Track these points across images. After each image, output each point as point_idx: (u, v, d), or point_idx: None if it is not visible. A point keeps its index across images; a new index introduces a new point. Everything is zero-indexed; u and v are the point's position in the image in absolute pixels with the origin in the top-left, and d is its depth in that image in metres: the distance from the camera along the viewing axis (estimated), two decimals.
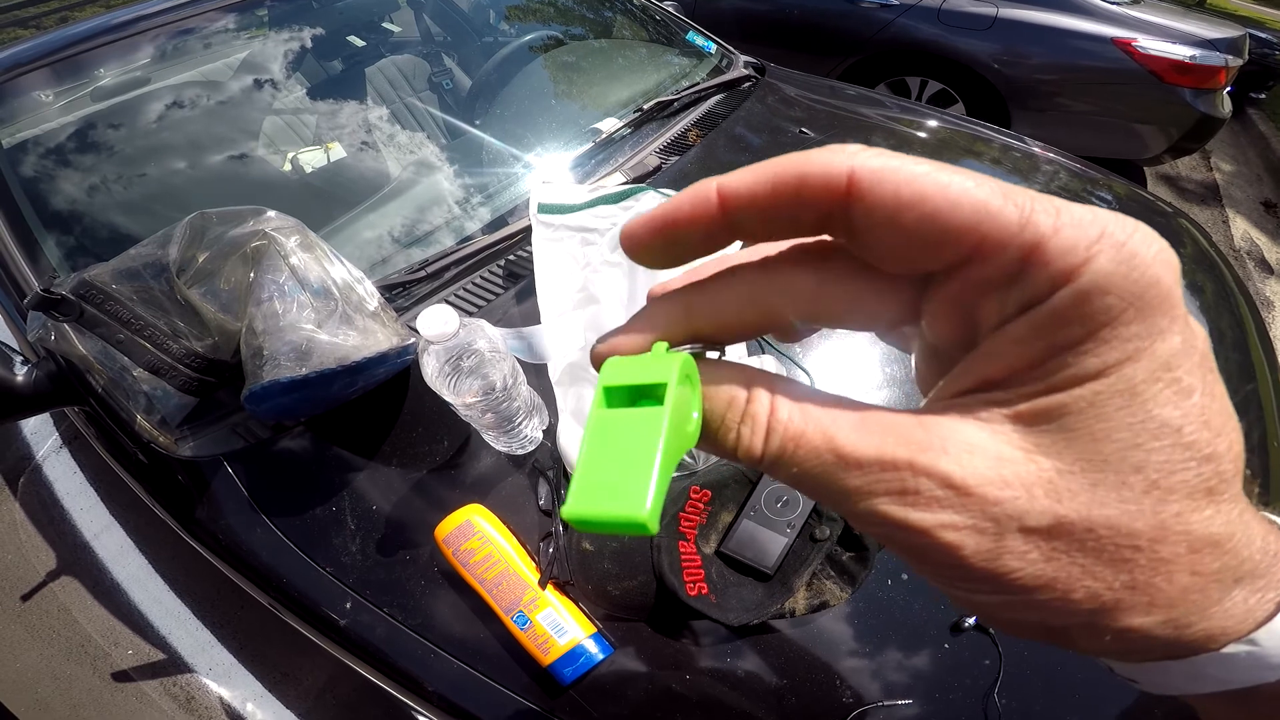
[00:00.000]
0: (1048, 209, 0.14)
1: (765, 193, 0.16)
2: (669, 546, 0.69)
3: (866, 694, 0.67)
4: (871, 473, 0.15)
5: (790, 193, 0.16)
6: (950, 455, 0.14)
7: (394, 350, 0.74)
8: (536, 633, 0.68)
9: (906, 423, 0.15)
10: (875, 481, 0.15)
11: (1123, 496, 0.14)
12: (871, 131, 1.39)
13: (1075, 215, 0.13)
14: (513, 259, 1.03)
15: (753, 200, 0.16)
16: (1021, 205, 0.14)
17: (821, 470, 0.15)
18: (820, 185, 0.15)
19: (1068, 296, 0.13)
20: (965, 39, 2.56)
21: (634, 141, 1.26)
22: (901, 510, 0.14)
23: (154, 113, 1.20)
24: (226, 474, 0.83)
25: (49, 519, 1.72)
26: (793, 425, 0.16)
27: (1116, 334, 0.13)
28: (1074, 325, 0.13)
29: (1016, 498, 0.14)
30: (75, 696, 1.41)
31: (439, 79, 1.55)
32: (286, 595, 0.77)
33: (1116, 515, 0.14)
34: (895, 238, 0.15)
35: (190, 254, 0.73)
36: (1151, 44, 2.35)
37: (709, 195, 0.17)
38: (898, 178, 0.14)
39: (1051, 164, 1.38)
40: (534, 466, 0.80)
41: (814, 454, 0.15)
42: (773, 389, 0.17)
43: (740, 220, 0.17)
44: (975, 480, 0.14)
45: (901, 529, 0.14)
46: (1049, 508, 0.14)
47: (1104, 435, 0.14)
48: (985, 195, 0.14)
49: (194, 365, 0.74)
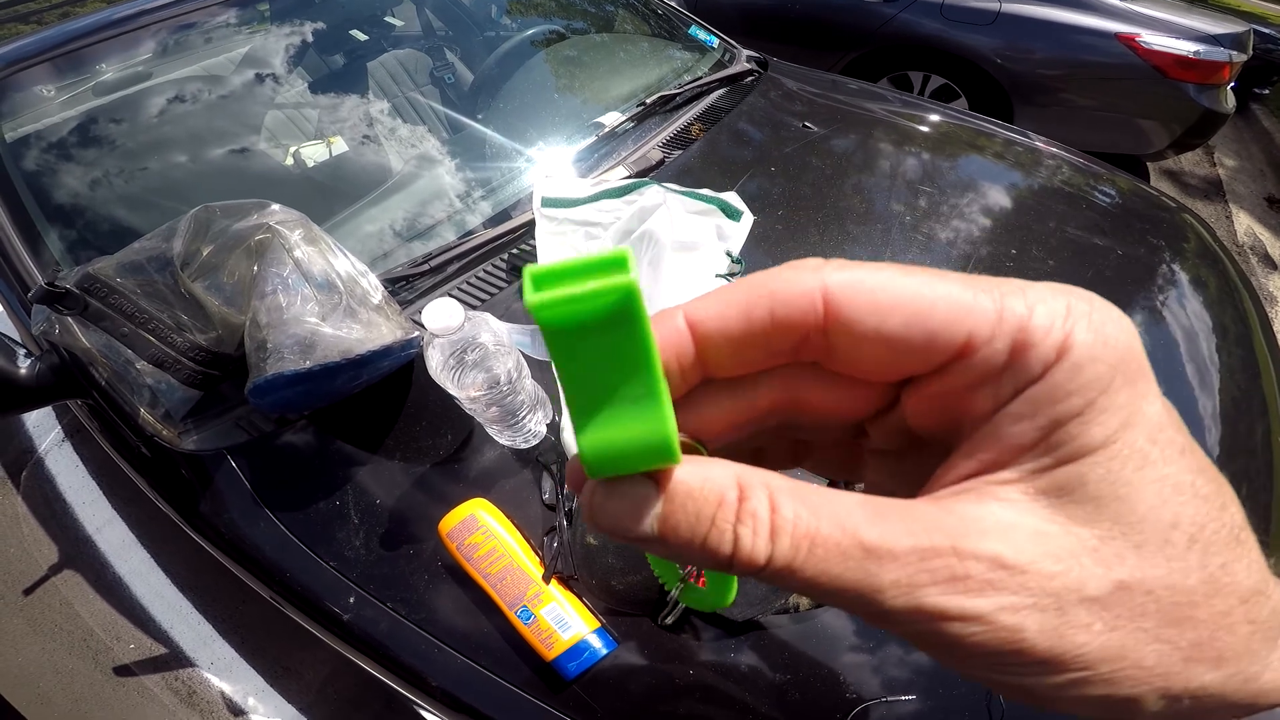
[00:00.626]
0: (1013, 291, 0.14)
1: (738, 321, 0.16)
2: None
3: (870, 689, 0.67)
4: (909, 564, 0.14)
5: (763, 320, 0.15)
6: (990, 535, 0.14)
7: (398, 343, 0.74)
8: (540, 627, 0.68)
9: (927, 510, 0.14)
10: (916, 573, 0.14)
11: (1169, 555, 0.13)
12: (875, 126, 1.38)
13: (1038, 293, 0.14)
14: (515, 252, 1.03)
15: (724, 330, 0.16)
16: (991, 293, 0.14)
17: (845, 570, 0.14)
18: (794, 309, 0.15)
19: (1064, 371, 0.13)
20: (968, 34, 2.55)
21: (637, 135, 1.26)
22: (954, 599, 0.13)
23: (156, 107, 1.20)
24: (230, 468, 0.83)
25: (51, 513, 1.72)
26: (802, 522, 0.14)
27: (1111, 401, 0.13)
28: (1073, 398, 0.13)
29: (1070, 570, 0.13)
30: (77, 690, 1.41)
31: (441, 73, 1.55)
32: (290, 590, 0.77)
33: (1167, 574, 0.13)
34: (877, 349, 0.15)
35: (194, 247, 0.73)
36: (1155, 39, 2.35)
37: (678, 328, 0.16)
38: (871, 289, 0.15)
39: (1055, 159, 1.37)
40: (538, 460, 0.80)
41: (836, 552, 0.14)
42: (766, 480, 0.15)
43: (713, 354, 0.16)
44: (1026, 557, 0.13)
45: (955, 619, 0.13)
46: (1105, 574, 0.13)
47: (1131, 497, 0.13)
48: (958, 291, 0.14)
49: (198, 358, 0.74)
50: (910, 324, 0.14)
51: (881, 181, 1.23)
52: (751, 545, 0.14)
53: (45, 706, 1.39)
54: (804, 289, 0.15)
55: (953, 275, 0.15)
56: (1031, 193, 1.26)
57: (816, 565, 0.14)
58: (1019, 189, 1.27)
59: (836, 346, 0.15)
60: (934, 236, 1.11)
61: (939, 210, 1.16)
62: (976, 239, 1.11)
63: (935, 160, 1.31)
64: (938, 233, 1.11)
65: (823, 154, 1.28)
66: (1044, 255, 1.09)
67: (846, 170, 1.25)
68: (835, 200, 1.16)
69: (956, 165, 1.32)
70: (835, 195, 1.18)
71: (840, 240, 1.08)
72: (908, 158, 1.30)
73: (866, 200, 1.18)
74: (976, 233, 1.12)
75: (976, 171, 1.30)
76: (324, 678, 1.39)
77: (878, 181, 1.23)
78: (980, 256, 1.07)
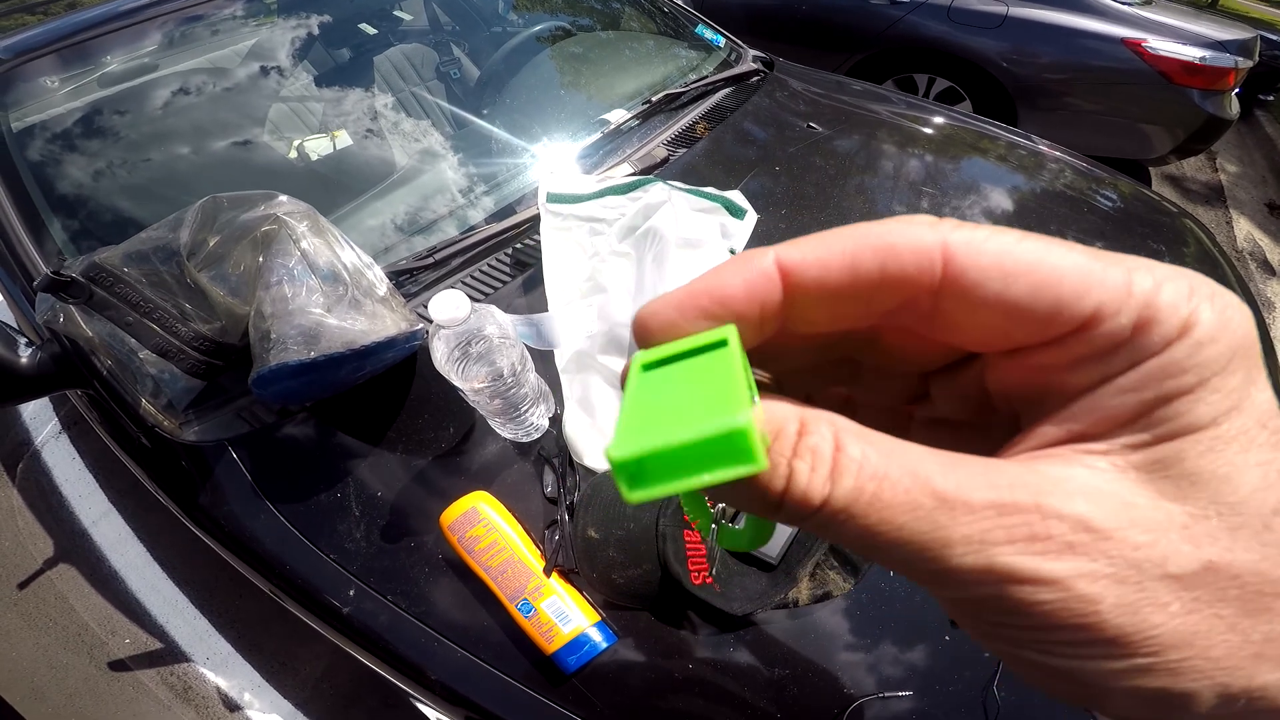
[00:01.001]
0: (1139, 267, 0.13)
1: (840, 273, 0.14)
2: (674, 535, 0.69)
3: (867, 685, 0.67)
4: (986, 518, 0.13)
5: (870, 274, 0.14)
6: (1079, 498, 0.13)
7: (402, 335, 0.74)
8: (541, 620, 0.68)
9: (1008, 466, 0.14)
10: (992, 529, 0.13)
11: (1265, 540, 0.13)
12: (879, 127, 1.38)
13: (1164, 271, 0.13)
14: (520, 247, 1.03)
15: (823, 281, 0.14)
16: (1119, 265, 0.13)
17: (914, 519, 0.13)
18: (909, 264, 0.14)
19: (1184, 348, 0.13)
20: (975, 37, 2.55)
21: (642, 133, 1.26)
22: (1030, 560, 0.12)
23: (161, 99, 1.20)
24: (231, 459, 0.82)
25: (47, 506, 1.71)
26: (870, 464, 0.13)
27: (1224, 383, 0.13)
28: (1187, 375, 0.13)
29: (1156, 542, 0.12)
30: (71, 685, 1.41)
31: (447, 68, 1.55)
32: (289, 582, 0.77)
33: (1260, 559, 0.13)
34: (994, 317, 0.14)
35: (201, 237, 0.73)
36: (1162, 45, 2.35)
37: (766, 272, 0.15)
38: (995, 252, 0.14)
39: (1058, 162, 1.37)
40: (540, 454, 0.80)
41: (905, 498, 0.13)
42: (832, 417, 0.14)
43: (803, 306, 0.15)
44: (1114, 522, 0.13)
45: (1027, 582, 0.12)
46: (1193, 553, 0.12)
47: (1234, 478, 0.13)
48: (1087, 261, 0.13)
49: (202, 348, 0.74)
50: (1037, 292, 0.13)
51: (885, 182, 1.23)
52: (807, 482, 0.13)
53: (39, 702, 1.39)
54: (922, 244, 0.14)
55: (1075, 245, 0.14)
56: (1034, 195, 1.26)
57: (880, 512, 0.13)
58: (1021, 192, 1.27)
59: (947, 311, 0.14)
60: None
61: (942, 212, 1.16)
62: None
63: (939, 162, 1.31)
64: None
65: (827, 154, 1.28)
66: None
67: (850, 171, 1.25)
68: (839, 200, 1.17)
69: (960, 167, 1.32)
70: (839, 195, 1.18)
71: None
72: (911, 159, 1.30)
73: (870, 201, 1.19)
74: None
75: (980, 174, 1.31)
76: (320, 673, 1.38)
77: (881, 182, 1.23)
78: None
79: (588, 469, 0.79)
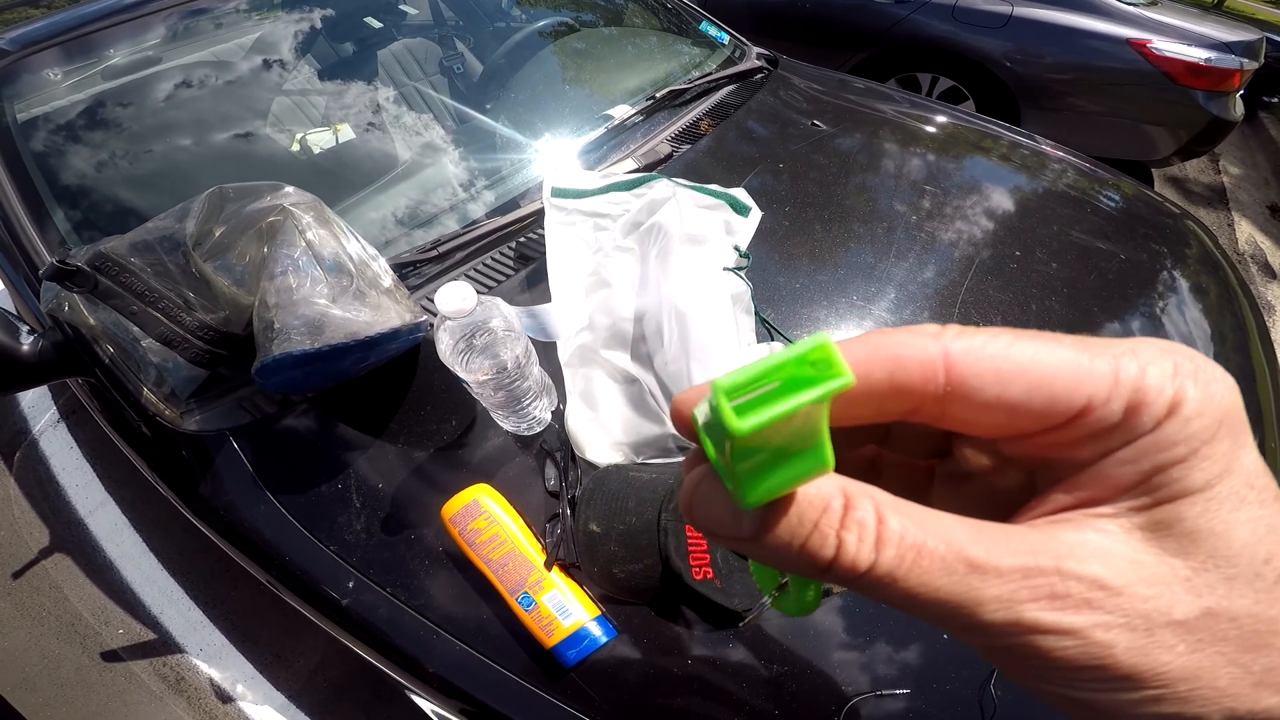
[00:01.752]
0: (1125, 353, 0.15)
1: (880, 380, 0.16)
2: (676, 530, 0.69)
3: (865, 683, 0.67)
4: (1013, 580, 0.15)
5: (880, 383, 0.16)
6: (1093, 560, 0.15)
7: (406, 327, 0.74)
8: (541, 614, 0.68)
9: (1028, 533, 0.15)
10: (1019, 589, 0.15)
11: (1258, 587, 0.15)
12: (883, 126, 1.38)
13: (1148, 353, 0.15)
14: (523, 241, 1.03)
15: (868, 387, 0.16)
16: (1105, 356, 0.15)
17: (950, 583, 0.15)
18: (915, 375, 0.16)
19: (1174, 425, 0.15)
20: (979, 36, 2.55)
21: (645, 129, 1.26)
22: (1051, 614, 0.14)
23: (165, 92, 1.20)
24: (231, 449, 0.82)
25: (43, 495, 1.71)
26: (909, 534, 0.15)
27: (1213, 451, 0.15)
28: (1179, 447, 0.15)
29: (1160, 595, 0.14)
30: (63, 675, 1.40)
31: (450, 63, 1.55)
32: (288, 574, 0.77)
33: (1254, 604, 0.14)
34: (996, 415, 0.16)
35: (207, 228, 0.73)
36: (1167, 46, 2.35)
37: None
38: (992, 357, 0.15)
39: (1060, 163, 1.37)
40: (542, 448, 0.80)
41: (939, 566, 0.15)
42: (871, 492, 0.16)
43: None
44: (1123, 580, 0.14)
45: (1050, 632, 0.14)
46: (1194, 601, 0.14)
47: (1228, 534, 0.15)
48: (1075, 355, 0.15)
49: (206, 337, 0.74)
50: (1032, 392, 0.15)
51: (888, 181, 1.23)
52: (855, 552, 0.15)
53: (30, 691, 1.38)
54: (925, 356, 0.16)
55: (1065, 339, 0.16)
56: (1036, 196, 1.26)
57: (920, 577, 0.15)
58: (1024, 192, 1.27)
59: (952, 411, 0.16)
60: (939, 237, 1.11)
61: (944, 211, 1.16)
62: (980, 240, 1.11)
63: (942, 161, 1.31)
64: (943, 233, 1.12)
65: (830, 152, 1.28)
66: (1047, 258, 1.09)
67: (853, 169, 1.24)
68: (842, 198, 1.16)
69: (963, 166, 1.32)
70: (842, 193, 1.18)
71: (846, 239, 1.08)
72: (915, 158, 1.30)
73: (872, 199, 1.18)
74: (980, 234, 1.13)
75: (982, 173, 1.30)
76: (314, 665, 1.38)
77: (884, 181, 1.23)
78: (984, 258, 1.07)
79: (590, 463, 0.79)
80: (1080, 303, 1.02)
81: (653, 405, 0.80)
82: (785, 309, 0.96)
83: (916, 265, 1.05)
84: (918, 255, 1.07)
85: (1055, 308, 1.00)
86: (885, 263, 1.05)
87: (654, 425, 0.79)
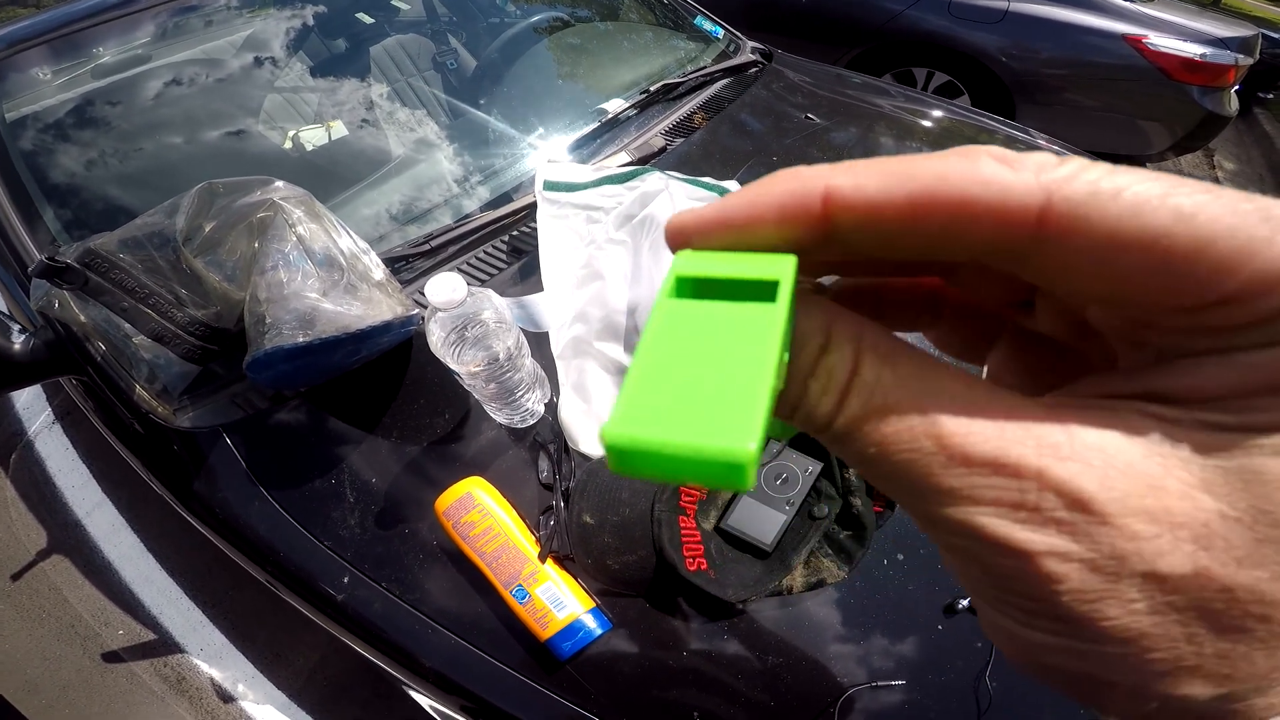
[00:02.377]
0: None
1: (898, 208, 0.12)
2: (669, 521, 0.69)
3: (859, 673, 0.67)
4: (980, 475, 0.12)
5: (939, 215, 0.12)
6: (1093, 469, 0.11)
7: (398, 320, 0.74)
8: (535, 607, 0.67)
9: (1037, 414, 0.12)
10: (982, 487, 0.12)
11: None
12: (878, 120, 1.38)
13: None
14: (516, 234, 1.03)
15: (876, 215, 0.12)
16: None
17: (910, 459, 0.12)
18: (996, 216, 0.12)
19: None
20: (974, 31, 2.55)
21: (639, 123, 1.26)
22: (1005, 527, 0.12)
23: (155, 90, 1.19)
24: (225, 446, 0.82)
25: (40, 497, 1.71)
26: (880, 391, 0.13)
27: None
28: None
29: (1158, 536, 0.11)
30: (64, 677, 1.40)
31: (444, 59, 1.54)
32: (284, 570, 0.77)
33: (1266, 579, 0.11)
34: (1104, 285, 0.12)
35: (197, 223, 0.73)
36: (1162, 41, 2.34)
37: (809, 197, 0.13)
38: (1120, 214, 0.11)
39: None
40: (535, 440, 0.80)
41: (906, 436, 0.12)
42: (860, 334, 0.13)
43: (849, 238, 0.13)
44: (1117, 507, 0.11)
45: (994, 546, 0.12)
46: (1191, 555, 0.11)
47: None
48: (1241, 225, 0.11)
49: (197, 333, 0.74)
50: (1168, 265, 0.11)
51: None
52: (816, 402, 0.13)
53: (33, 694, 1.38)
54: (1015, 191, 0.12)
55: (1225, 192, 0.11)
56: None
57: (879, 444, 0.12)
58: None
59: (1046, 265, 0.12)
60: None
61: None
62: None
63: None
64: None
65: (825, 146, 1.28)
66: None
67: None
68: None
69: None
70: None
71: None
72: (911, 152, 1.30)
73: None
74: None
75: None
76: (313, 664, 1.38)
77: None
78: None
79: (583, 455, 0.78)
80: None
81: None
82: None
83: None
84: None
85: None
86: None
87: None
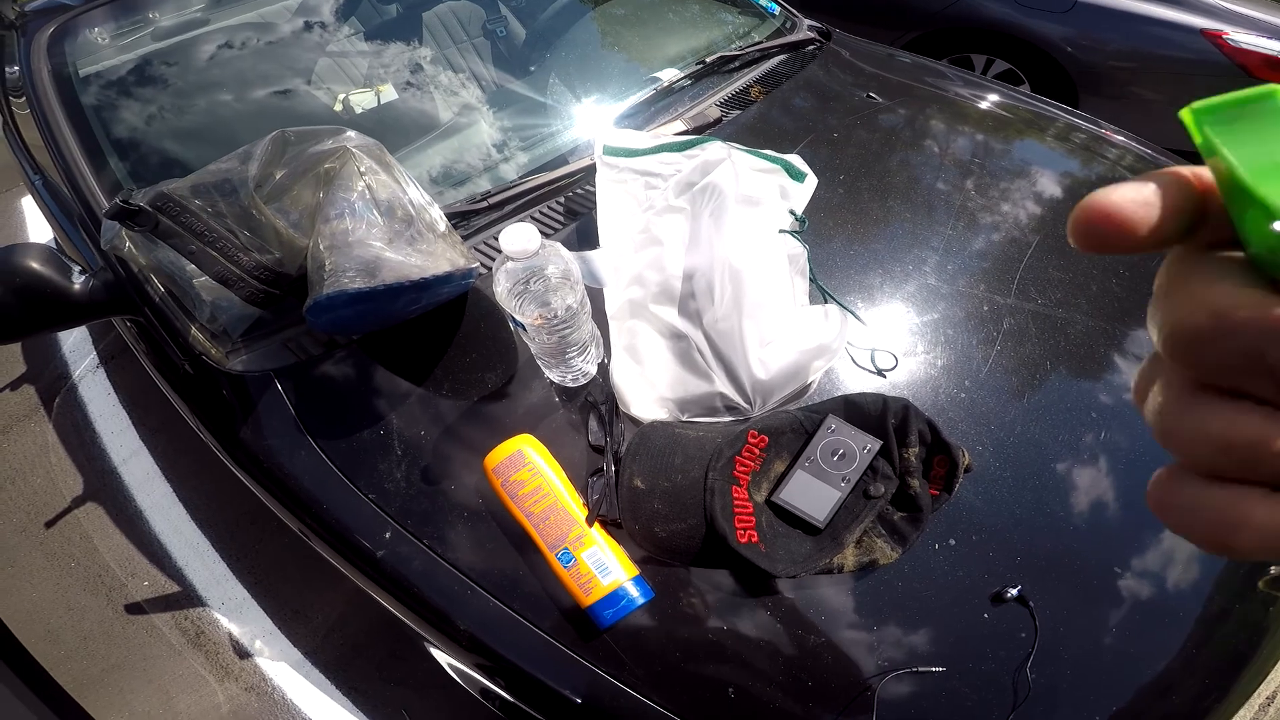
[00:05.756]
0: None
1: None
2: (723, 490, 0.67)
3: (901, 657, 0.66)
4: None
5: None
6: None
7: (459, 271, 0.74)
8: (580, 571, 0.66)
9: None
10: None
11: None
12: (940, 102, 1.34)
13: None
14: (572, 195, 1.02)
15: None
16: None
17: None
18: None
19: None
20: (1041, 20, 2.46)
21: (694, 93, 1.24)
22: None
23: (212, 52, 1.23)
24: (275, 391, 0.82)
25: (80, 442, 1.74)
26: None
27: None
28: None
29: None
30: (86, 627, 1.42)
31: (493, 26, 1.53)
32: (323, 522, 0.76)
33: None
34: None
35: (269, 171, 0.74)
36: (1244, 37, 2.24)
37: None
38: None
39: (1119, 147, 1.32)
40: (586, 400, 0.79)
41: None
42: None
43: None
44: None
45: None
46: None
47: None
48: None
49: (261, 277, 0.75)
50: None
51: (945, 156, 1.20)
52: None
53: (53, 644, 1.40)
54: None
55: None
56: (1099, 180, 1.21)
57: None
58: (1084, 176, 1.22)
59: None
60: (996, 214, 1.07)
61: (1002, 188, 1.13)
62: (1041, 219, 1.07)
63: (1001, 140, 1.27)
64: (1000, 210, 1.08)
65: (886, 125, 1.24)
66: None
67: (909, 142, 1.21)
68: (899, 171, 1.13)
69: (1022, 147, 1.28)
70: (897, 166, 1.14)
71: (901, 210, 1.05)
72: (973, 135, 1.26)
73: (928, 173, 1.15)
74: (1041, 213, 1.09)
75: (1043, 155, 1.26)
76: (331, 622, 1.39)
77: (941, 156, 1.20)
78: (1045, 237, 1.03)
79: (633, 418, 0.77)
80: (1141, 286, 0.98)
81: (700, 362, 0.79)
82: (839, 276, 0.94)
83: (973, 241, 1.02)
84: (974, 230, 1.04)
85: (1115, 290, 0.96)
86: (941, 236, 1.02)
87: (701, 382, 0.78)
